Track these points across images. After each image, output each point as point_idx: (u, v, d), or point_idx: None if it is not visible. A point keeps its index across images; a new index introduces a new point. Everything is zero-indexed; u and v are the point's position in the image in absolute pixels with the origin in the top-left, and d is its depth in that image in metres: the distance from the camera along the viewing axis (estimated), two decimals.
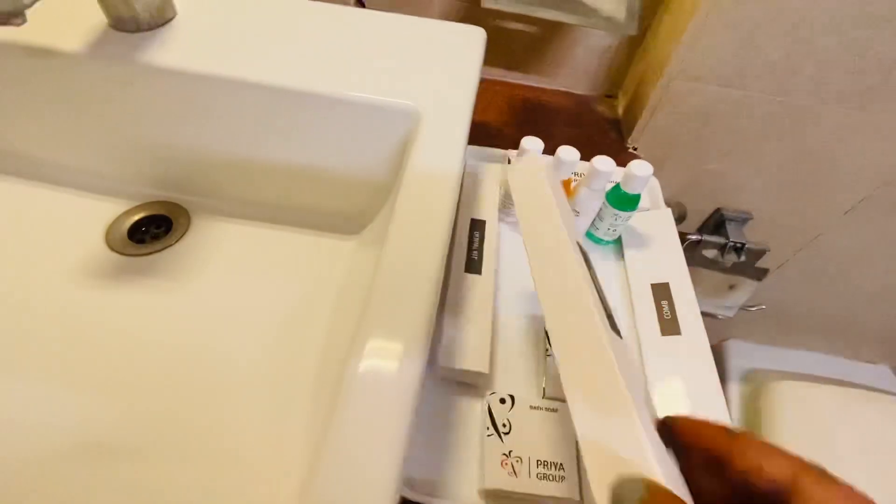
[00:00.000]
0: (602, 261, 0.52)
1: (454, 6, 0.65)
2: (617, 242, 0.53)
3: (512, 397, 0.39)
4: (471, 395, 0.41)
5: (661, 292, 0.48)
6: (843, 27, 0.53)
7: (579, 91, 0.73)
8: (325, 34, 0.45)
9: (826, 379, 0.92)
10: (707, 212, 0.79)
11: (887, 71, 0.56)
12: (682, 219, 0.77)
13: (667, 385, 0.42)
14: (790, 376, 0.92)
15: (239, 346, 0.39)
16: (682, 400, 0.41)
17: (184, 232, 0.45)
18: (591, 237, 0.53)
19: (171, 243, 0.44)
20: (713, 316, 0.85)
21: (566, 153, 0.46)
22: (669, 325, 0.45)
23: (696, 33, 0.55)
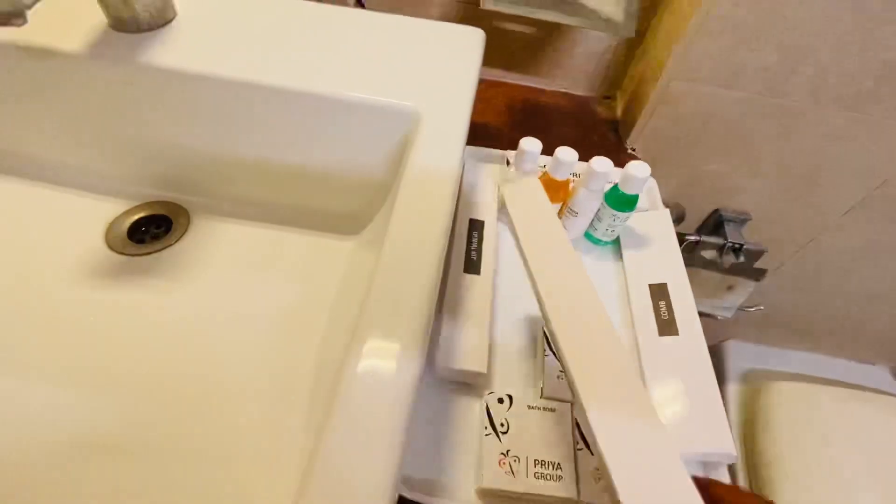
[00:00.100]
0: (600, 261, 0.52)
1: (454, 7, 0.65)
2: (615, 243, 0.53)
3: (510, 397, 0.40)
4: (469, 394, 0.41)
5: (658, 293, 0.48)
6: (838, 30, 0.53)
7: (578, 92, 0.73)
8: (325, 35, 0.45)
9: (824, 379, 0.92)
10: (705, 212, 0.79)
11: (883, 74, 0.56)
12: (680, 219, 0.77)
13: (664, 386, 0.42)
14: (788, 377, 0.92)
15: (238, 345, 0.39)
16: (680, 401, 0.41)
17: (183, 232, 0.45)
18: (589, 238, 0.53)
19: (171, 243, 0.44)
20: (712, 316, 0.85)
21: (564, 154, 0.47)
22: (667, 326, 0.46)
23: (694, 35, 0.55)
